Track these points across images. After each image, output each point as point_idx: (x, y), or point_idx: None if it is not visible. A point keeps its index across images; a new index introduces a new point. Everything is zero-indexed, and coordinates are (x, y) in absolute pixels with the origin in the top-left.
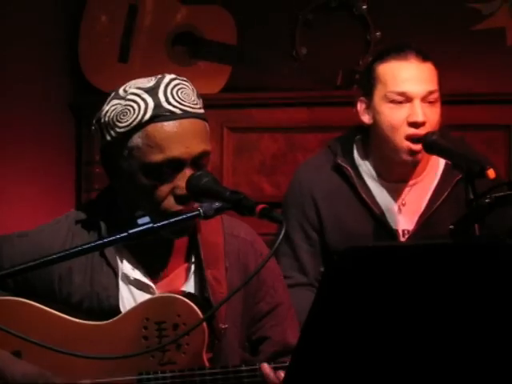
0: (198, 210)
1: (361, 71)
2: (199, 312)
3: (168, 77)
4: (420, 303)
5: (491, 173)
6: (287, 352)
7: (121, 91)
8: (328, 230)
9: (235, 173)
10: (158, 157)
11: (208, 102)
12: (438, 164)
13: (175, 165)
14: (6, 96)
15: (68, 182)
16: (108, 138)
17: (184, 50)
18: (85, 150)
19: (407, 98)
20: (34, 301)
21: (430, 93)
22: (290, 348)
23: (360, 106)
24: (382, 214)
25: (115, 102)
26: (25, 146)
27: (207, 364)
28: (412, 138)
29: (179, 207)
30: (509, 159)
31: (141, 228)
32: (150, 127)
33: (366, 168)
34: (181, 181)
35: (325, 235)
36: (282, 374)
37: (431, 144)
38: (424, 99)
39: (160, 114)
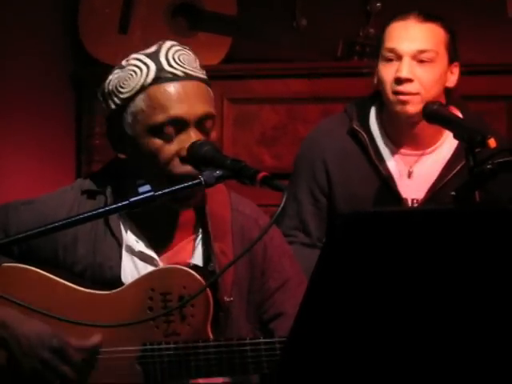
0: (199, 179)
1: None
2: (204, 283)
3: (169, 42)
4: (423, 268)
5: (492, 142)
6: None
7: (123, 62)
8: (337, 195)
9: (235, 144)
10: (161, 117)
11: (208, 73)
12: None
13: (178, 125)
14: (6, 69)
15: (68, 155)
16: (112, 106)
17: (184, 22)
18: (85, 122)
19: (397, 55)
20: (38, 268)
21: (421, 51)
22: None
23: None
24: (393, 181)
25: (117, 71)
26: (25, 118)
27: (211, 336)
28: (398, 93)
29: (185, 168)
30: (509, 131)
31: (141, 196)
32: (153, 89)
33: (380, 134)
34: (185, 142)
35: (333, 200)
36: None
37: (431, 113)
38: (414, 57)
39: (162, 76)
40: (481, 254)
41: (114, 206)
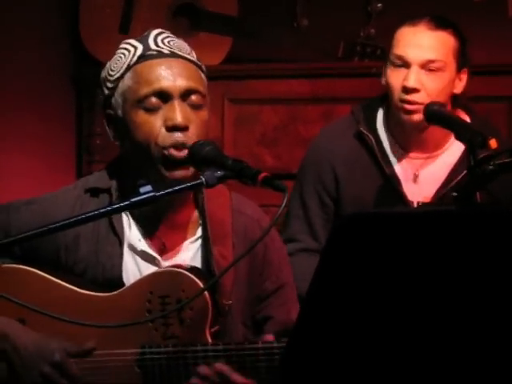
0: (201, 179)
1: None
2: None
3: (159, 29)
4: (424, 269)
5: (493, 143)
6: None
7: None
8: (344, 199)
9: (236, 145)
10: (145, 89)
11: (209, 73)
12: None
13: (162, 97)
14: (7, 68)
15: (69, 154)
16: (106, 91)
17: (185, 22)
18: (85, 121)
19: (406, 63)
20: (39, 269)
21: (430, 61)
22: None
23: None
24: (400, 185)
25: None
26: (26, 117)
27: (210, 340)
28: (404, 102)
29: (171, 137)
30: (509, 131)
31: (143, 196)
32: (139, 66)
33: (387, 138)
34: (170, 112)
35: (340, 203)
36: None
37: (432, 114)
38: (423, 66)
39: (148, 54)
40: (482, 254)
41: (115, 206)
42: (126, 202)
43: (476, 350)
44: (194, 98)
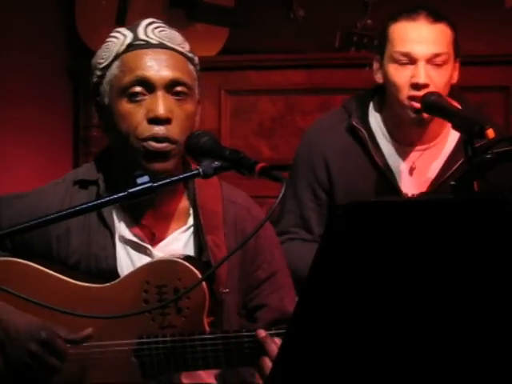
0: (198, 169)
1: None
2: (200, 276)
3: (152, 19)
4: (423, 259)
5: (490, 132)
6: (284, 319)
7: None
8: (337, 192)
9: (233, 135)
10: (129, 77)
11: (205, 64)
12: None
13: (146, 86)
14: (4, 61)
15: (65, 146)
16: (95, 79)
17: (181, 13)
18: (82, 113)
19: (411, 59)
20: (32, 261)
21: (436, 55)
22: (287, 315)
23: (375, 66)
24: (393, 177)
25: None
26: (22, 109)
27: (207, 328)
28: (414, 99)
29: (152, 129)
30: (507, 121)
31: (140, 187)
32: (126, 56)
33: (379, 130)
34: (154, 104)
35: (334, 196)
36: (277, 340)
37: (430, 104)
38: (429, 61)
39: (136, 44)
40: (481, 243)
41: (113, 197)
42: (124, 193)
43: (475, 343)
44: (179, 89)
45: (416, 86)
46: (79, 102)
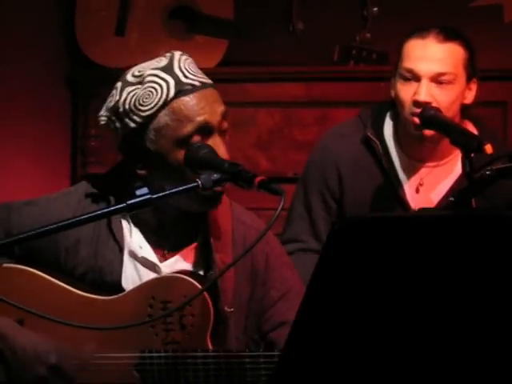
0: (197, 182)
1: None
2: (205, 293)
3: (176, 53)
4: (421, 273)
5: (488, 148)
6: None
7: (130, 78)
8: (347, 201)
9: (231, 148)
10: (188, 127)
11: None
12: None
13: (205, 131)
14: (2, 70)
15: (63, 156)
16: (132, 124)
17: (181, 24)
18: (80, 123)
19: (415, 76)
20: (38, 269)
21: (441, 74)
22: None
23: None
24: (403, 192)
25: (131, 88)
26: (21, 119)
27: (210, 346)
28: (416, 115)
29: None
30: (505, 136)
31: (139, 199)
32: (175, 103)
33: (392, 143)
34: (214, 147)
35: (343, 205)
36: None
37: (428, 119)
38: (433, 79)
39: (183, 89)
40: (479, 258)
41: (112, 208)
42: (123, 205)
43: (470, 354)
44: (224, 125)
45: (417, 104)
46: (77, 112)
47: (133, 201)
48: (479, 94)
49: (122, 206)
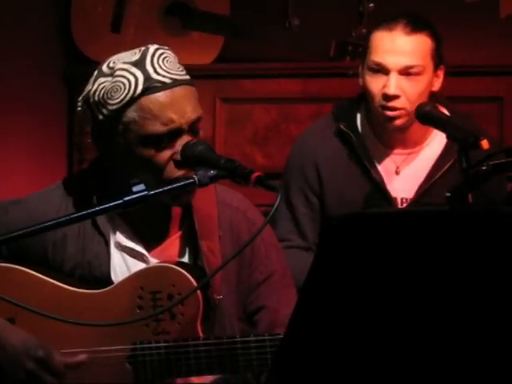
0: (193, 178)
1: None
2: (194, 282)
3: (152, 47)
4: (416, 269)
5: (485, 143)
6: (282, 321)
7: (105, 68)
8: (328, 196)
9: (227, 144)
10: (156, 127)
11: (200, 72)
12: (442, 134)
13: (173, 131)
14: None
15: (60, 152)
16: (100, 116)
17: (177, 21)
18: (77, 120)
19: (384, 69)
20: (27, 267)
21: (409, 67)
22: (285, 316)
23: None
24: (382, 181)
25: (102, 79)
26: (17, 116)
27: (201, 335)
28: (386, 108)
29: (181, 172)
30: (501, 131)
31: (136, 195)
32: (144, 100)
33: (367, 134)
34: (180, 147)
35: (324, 200)
36: None
37: (424, 115)
38: (402, 72)
39: (151, 86)
40: (476, 254)
41: (109, 205)
42: (120, 201)
43: (463, 353)
44: (197, 125)
45: (386, 96)
46: (73, 109)
47: (130, 197)
48: (476, 89)
49: (118, 202)
